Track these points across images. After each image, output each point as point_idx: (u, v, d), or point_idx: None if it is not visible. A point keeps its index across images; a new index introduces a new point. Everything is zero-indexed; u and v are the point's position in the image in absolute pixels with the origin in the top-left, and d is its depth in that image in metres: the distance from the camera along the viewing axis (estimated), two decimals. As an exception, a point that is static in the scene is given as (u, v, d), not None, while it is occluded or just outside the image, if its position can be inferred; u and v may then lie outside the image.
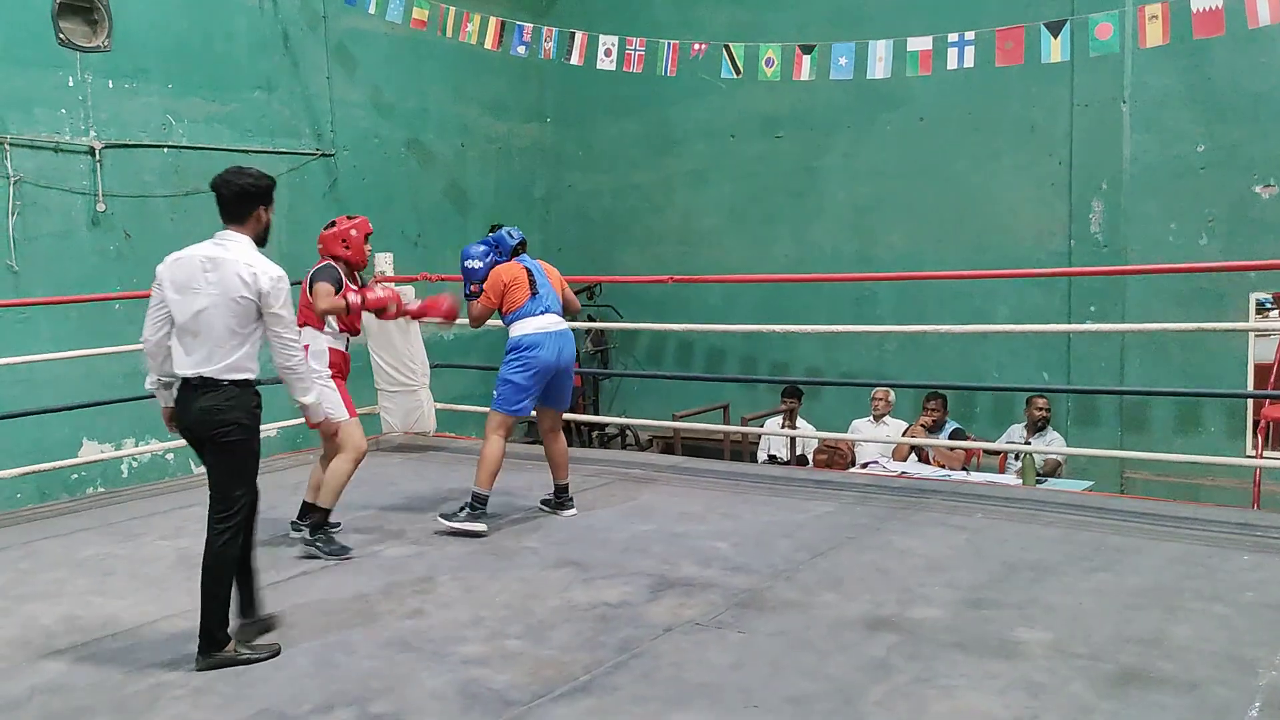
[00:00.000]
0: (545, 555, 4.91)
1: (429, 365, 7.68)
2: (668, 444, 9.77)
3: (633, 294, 11.07)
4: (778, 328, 7.44)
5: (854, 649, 3.71)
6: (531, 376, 5.40)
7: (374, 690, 3.48)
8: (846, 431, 8.49)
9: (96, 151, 7.84)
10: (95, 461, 7.66)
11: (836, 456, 7.99)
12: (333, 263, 5.16)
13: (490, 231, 5.89)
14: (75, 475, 7.68)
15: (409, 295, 5.68)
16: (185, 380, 3.68)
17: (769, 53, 7.18)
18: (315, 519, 5.06)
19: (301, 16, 9.27)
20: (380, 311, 5.32)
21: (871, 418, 8.56)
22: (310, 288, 5.06)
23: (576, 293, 11.12)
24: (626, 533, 5.26)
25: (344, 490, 5.10)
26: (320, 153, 9.46)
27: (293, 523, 5.25)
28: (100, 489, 7.61)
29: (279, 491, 5.89)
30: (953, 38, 6.60)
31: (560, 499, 5.72)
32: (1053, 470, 7.77)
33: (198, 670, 3.62)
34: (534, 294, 5.47)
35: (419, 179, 10.47)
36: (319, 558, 4.92)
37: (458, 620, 4.08)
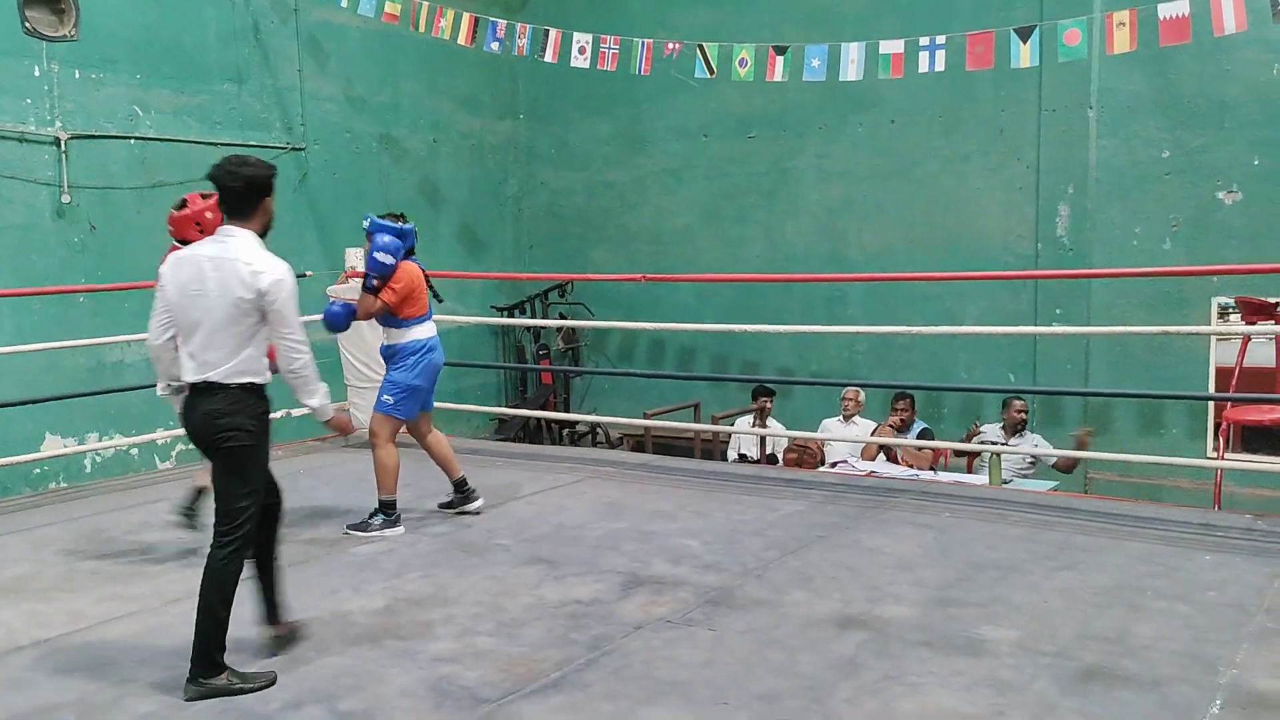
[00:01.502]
0: (517, 552, 4.91)
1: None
2: (638, 442, 9.77)
3: (604, 292, 11.07)
4: (749, 327, 7.46)
5: (824, 647, 3.74)
6: (430, 380, 5.42)
7: (344, 687, 3.46)
8: (817, 431, 8.53)
9: (62, 142, 7.73)
10: (58, 456, 7.55)
11: (806, 456, 8.04)
12: None
13: (395, 219, 5.36)
14: (37, 470, 7.57)
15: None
16: (191, 385, 3.50)
17: (742, 53, 7.20)
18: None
19: (272, 8, 9.19)
20: None
21: (841, 417, 8.61)
22: None
23: (549, 290, 11.21)
24: (598, 530, 5.26)
25: None
26: (290, 146, 9.37)
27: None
28: (63, 484, 7.51)
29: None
30: (924, 41, 6.65)
31: (464, 493, 5.62)
32: (1069, 468, 7.83)
33: (186, 699, 3.36)
34: (437, 299, 5.51)
35: (390, 174, 10.41)
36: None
37: (428, 618, 4.07)
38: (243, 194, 3.56)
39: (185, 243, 4.48)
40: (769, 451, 8.71)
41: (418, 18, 8.06)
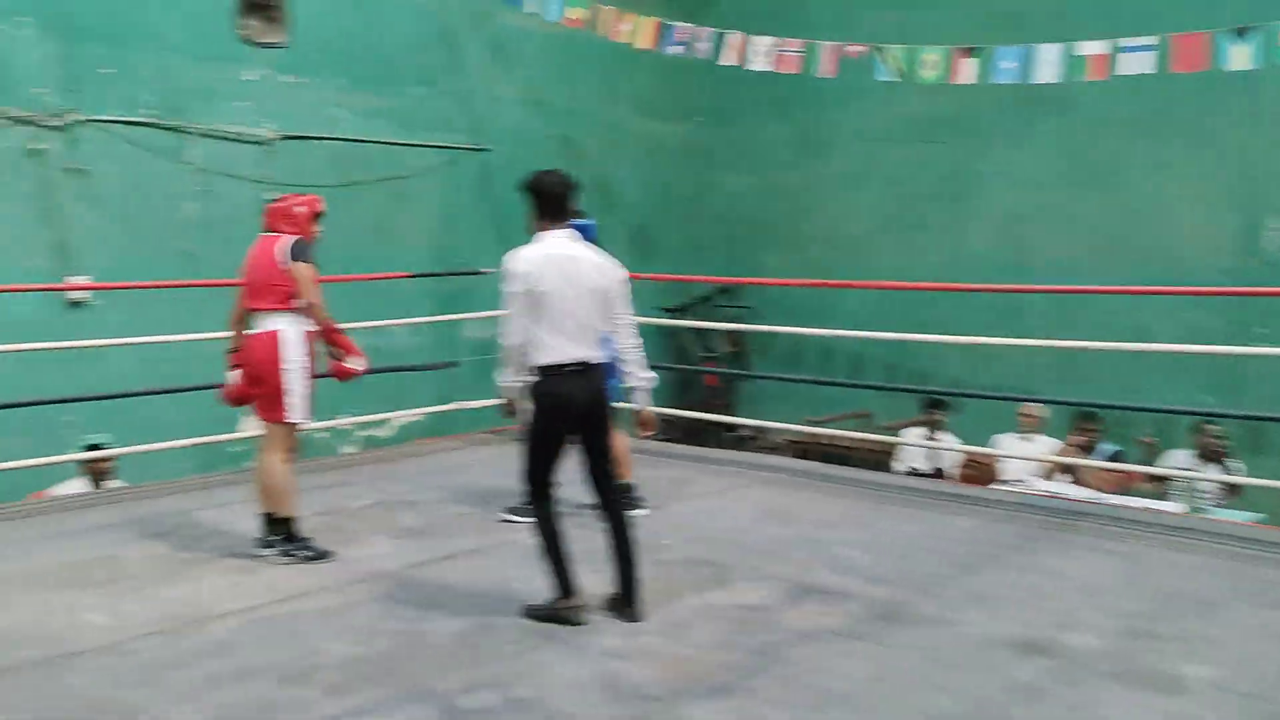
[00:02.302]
0: (682, 553, 4.92)
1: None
2: (803, 449, 9.64)
3: (774, 297, 10.99)
4: (924, 337, 7.25)
5: (1001, 671, 3.59)
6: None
7: (516, 675, 3.55)
8: (991, 447, 8.21)
9: (269, 142, 8.24)
10: (253, 437, 8.02)
11: (979, 472, 7.75)
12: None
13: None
14: (234, 449, 8.08)
15: None
16: (570, 367, 3.92)
17: (929, 55, 7.01)
18: (282, 531, 4.73)
19: (463, 15, 9.54)
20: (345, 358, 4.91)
21: (1019, 434, 8.27)
22: (287, 258, 4.67)
23: (717, 293, 11.18)
24: (763, 536, 5.22)
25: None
26: (474, 147, 9.71)
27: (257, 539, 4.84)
28: (253, 464, 7.98)
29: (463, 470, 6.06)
30: (1128, 42, 6.30)
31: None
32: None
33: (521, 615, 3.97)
34: None
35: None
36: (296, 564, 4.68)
37: (596, 614, 4.12)
38: (556, 201, 4.07)
39: (275, 233, 4.78)
40: (940, 466, 8.45)
41: (600, 22, 8.19)
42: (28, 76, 7.19)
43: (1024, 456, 7.88)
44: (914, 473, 8.40)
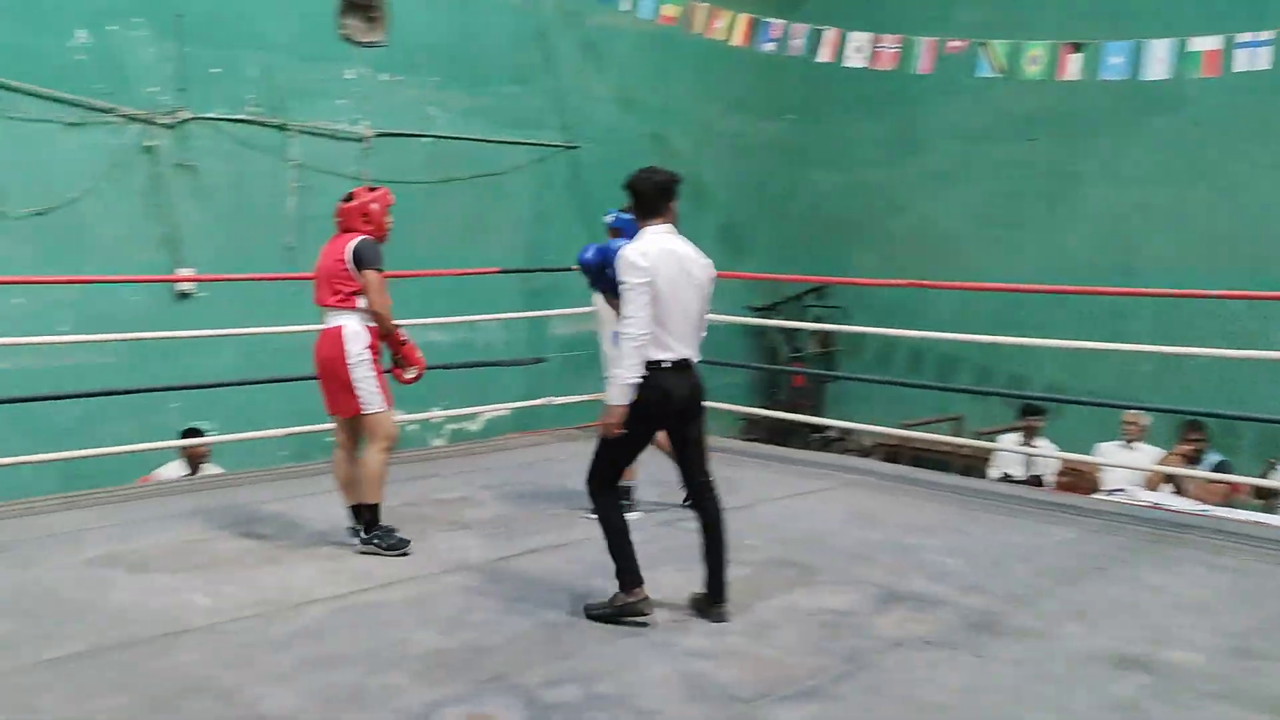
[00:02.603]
0: (768, 553, 4.87)
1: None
2: (892, 452, 9.48)
3: (864, 296, 10.83)
4: (1020, 340, 7.06)
5: (1099, 687, 3.47)
6: None
7: (599, 670, 3.54)
8: (1091, 455, 7.96)
9: (367, 139, 8.41)
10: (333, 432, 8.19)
11: (1079, 480, 7.52)
12: (370, 237, 4.75)
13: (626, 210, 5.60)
14: (329, 439, 8.25)
15: None
16: (674, 364, 3.94)
17: (1033, 50, 6.82)
18: (366, 517, 4.77)
19: (557, 14, 9.61)
20: (407, 360, 4.91)
21: (1121, 442, 7.99)
22: (357, 264, 4.65)
23: (806, 292, 11.08)
24: (851, 539, 5.14)
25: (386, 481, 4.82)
26: (565, 145, 9.77)
27: (349, 528, 4.90)
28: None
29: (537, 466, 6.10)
30: (1244, 37, 6.04)
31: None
32: None
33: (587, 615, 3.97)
34: None
35: (658, 173, 10.63)
36: (379, 554, 4.71)
37: (681, 611, 4.10)
38: (654, 196, 4.02)
39: (351, 233, 4.76)
40: (1036, 473, 8.22)
41: (694, 19, 8.17)
42: (141, 76, 7.45)
43: (1126, 465, 7.62)
44: (1008, 479, 8.19)
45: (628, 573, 3.98)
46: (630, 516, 5.36)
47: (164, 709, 3.22)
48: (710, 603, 4.04)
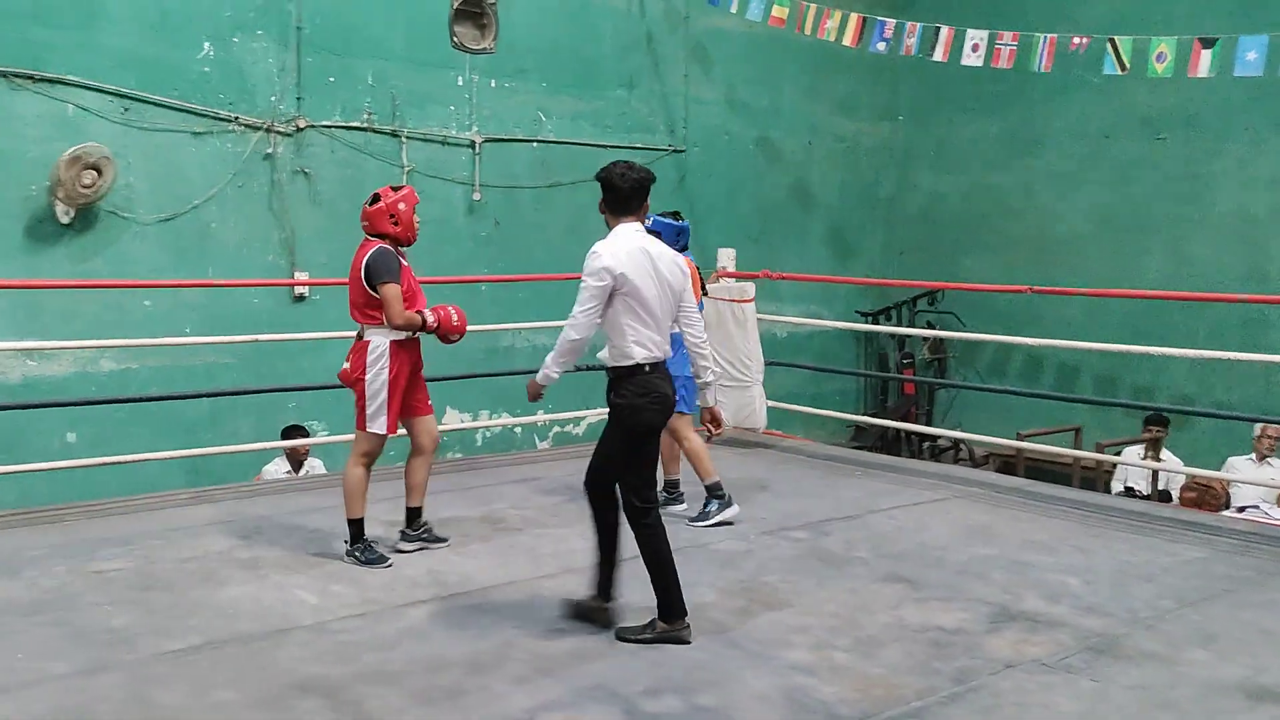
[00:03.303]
0: (876, 568, 4.75)
1: (763, 363, 7.68)
2: (1007, 463, 9.19)
3: (978, 302, 10.52)
4: (1147, 349, 6.75)
5: (1226, 717, 3.27)
6: None
7: (700, 682, 3.49)
8: (1221, 469, 7.56)
9: (476, 145, 8.54)
10: (456, 429, 8.35)
11: (1208, 496, 7.13)
12: (387, 245, 4.66)
13: (673, 217, 5.66)
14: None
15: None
16: (659, 364, 3.86)
17: (1161, 46, 6.51)
18: (351, 530, 4.70)
19: (665, 18, 9.61)
20: (445, 336, 4.83)
21: (1252, 456, 7.58)
22: (369, 281, 4.57)
23: (917, 297, 10.83)
24: (964, 554, 4.97)
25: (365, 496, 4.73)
26: (672, 149, 9.75)
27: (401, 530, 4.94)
28: (458, 455, 8.29)
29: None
30: (1397, 26, 5.66)
31: (673, 495, 5.63)
32: None
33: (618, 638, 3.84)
34: (704, 291, 5.70)
35: (765, 176, 10.54)
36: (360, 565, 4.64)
37: (784, 624, 4.02)
38: (633, 194, 3.94)
39: (380, 236, 4.66)
40: (1162, 487, 7.85)
41: (804, 20, 8.06)
42: (262, 86, 7.71)
43: (1259, 482, 7.21)
44: (1130, 493, 7.85)
45: (607, 582, 3.91)
46: (675, 509, 5.49)
47: (273, 706, 3.29)
48: (600, 602, 3.95)
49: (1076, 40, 7.02)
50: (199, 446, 6.79)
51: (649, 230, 5.41)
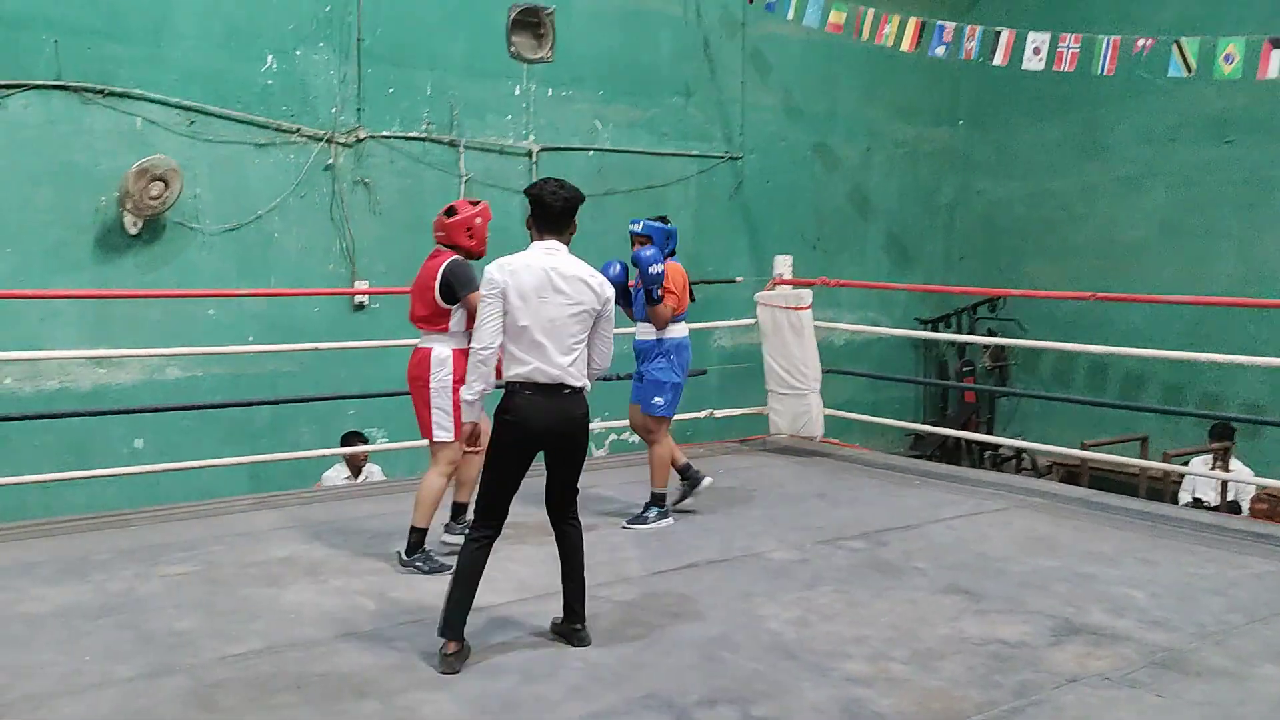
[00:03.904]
0: (934, 579, 4.68)
1: (820, 371, 7.63)
2: (1071, 473, 9.01)
3: (1040, 309, 10.34)
4: (1216, 357, 6.58)
5: (1305, 739, 3.16)
6: (686, 376, 5.62)
7: (756, 692, 3.47)
8: (1294, 480, 7.33)
9: (533, 154, 8.60)
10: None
11: (1278, 508, 6.94)
12: (460, 257, 4.69)
13: (661, 221, 5.62)
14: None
15: None
16: (536, 386, 3.70)
17: (1229, 47, 6.36)
18: (413, 538, 4.73)
19: (722, 25, 9.60)
20: None
21: (1328, 467, 7.35)
22: (448, 290, 4.59)
23: (978, 304, 10.68)
24: (1025, 566, 4.88)
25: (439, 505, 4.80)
26: (728, 156, 9.73)
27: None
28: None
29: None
30: None
31: (691, 479, 5.72)
32: None
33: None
34: (692, 298, 5.63)
35: (822, 182, 10.47)
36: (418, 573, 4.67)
37: (841, 635, 3.98)
38: (562, 213, 3.86)
39: (453, 247, 4.71)
40: (1231, 498, 7.64)
41: (861, 25, 8.00)
42: (324, 98, 7.85)
43: (1334, 494, 6.99)
44: (1198, 505, 7.65)
45: (457, 617, 3.70)
46: (705, 483, 5.67)
47: (331, 711, 3.33)
48: (571, 625, 3.90)
49: (1141, 42, 6.88)
50: (261, 453, 6.91)
51: (641, 234, 5.51)
